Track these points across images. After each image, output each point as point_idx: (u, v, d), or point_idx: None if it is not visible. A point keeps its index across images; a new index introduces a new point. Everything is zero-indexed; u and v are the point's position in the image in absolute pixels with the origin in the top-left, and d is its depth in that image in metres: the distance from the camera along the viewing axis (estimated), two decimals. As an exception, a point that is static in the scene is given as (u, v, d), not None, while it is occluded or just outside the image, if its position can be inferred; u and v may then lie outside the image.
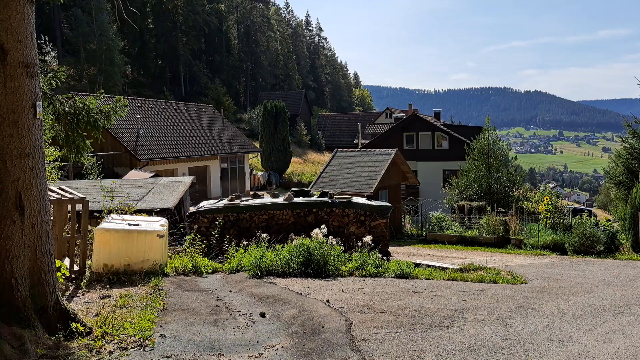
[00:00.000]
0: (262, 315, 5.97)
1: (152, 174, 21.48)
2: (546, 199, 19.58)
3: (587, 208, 37.82)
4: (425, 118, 42.49)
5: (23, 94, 4.36)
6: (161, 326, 5.27)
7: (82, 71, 50.10)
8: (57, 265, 5.27)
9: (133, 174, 21.64)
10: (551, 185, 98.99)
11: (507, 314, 6.04)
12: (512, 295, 7.41)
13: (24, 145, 4.39)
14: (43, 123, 4.77)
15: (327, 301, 6.39)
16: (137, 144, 26.66)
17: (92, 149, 7.15)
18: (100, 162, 22.22)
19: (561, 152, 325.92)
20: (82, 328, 4.61)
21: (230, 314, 6.03)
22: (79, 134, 6.13)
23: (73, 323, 4.56)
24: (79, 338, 4.54)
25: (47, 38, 45.55)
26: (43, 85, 6.10)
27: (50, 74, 6.42)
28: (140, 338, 4.78)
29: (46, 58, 43.29)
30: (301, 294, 6.87)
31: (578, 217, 18.06)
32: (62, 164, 12.83)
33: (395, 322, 5.48)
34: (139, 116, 28.18)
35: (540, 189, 35.99)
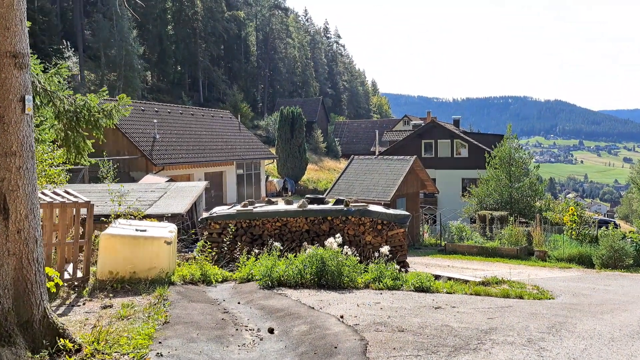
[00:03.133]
0: (271, 331, 5.53)
1: (167, 179, 21.23)
2: (571, 210, 18.86)
3: (612, 219, 36.76)
4: (444, 125, 41.75)
5: (10, 86, 3.98)
6: (160, 342, 4.86)
7: (102, 76, 50.52)
8: (50, 274, 4.88)
9: (148, 179, 21.42)
10: (571, 195, 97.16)
11: (538, 335, 5.50)
12: (542, 312, 6.85)
13: (10, 142, 4.00)
14: (33, 119, 4.37)
15: (341, 317, 5.92)
16: (153, 148, 26.52)
17: (106, 153, 6.81)
18: (116, 166, 22.07)
19: (581, 162, 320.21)
20: (71, 345, 4.18)
21: (237, 329, 5.60)
22: (79, 133, 5.78)
23: (61, 339, 4.14)
24: (66, 356, 4.12)
25: (69, 43, 46.09)
26: (45, 82, 5.75)
27: (53, 70, 6.10)
28: (134, 357, 4.35)
29: (68, 63, 43.73)
30: (313, 308, 6.41)
31: (604, 228, 17.38)
32: (79, 167, 12.58)
33: (415, 343, 4.98)
34: (155, 121, 28.10)
35: (562, 199, 35.07)
